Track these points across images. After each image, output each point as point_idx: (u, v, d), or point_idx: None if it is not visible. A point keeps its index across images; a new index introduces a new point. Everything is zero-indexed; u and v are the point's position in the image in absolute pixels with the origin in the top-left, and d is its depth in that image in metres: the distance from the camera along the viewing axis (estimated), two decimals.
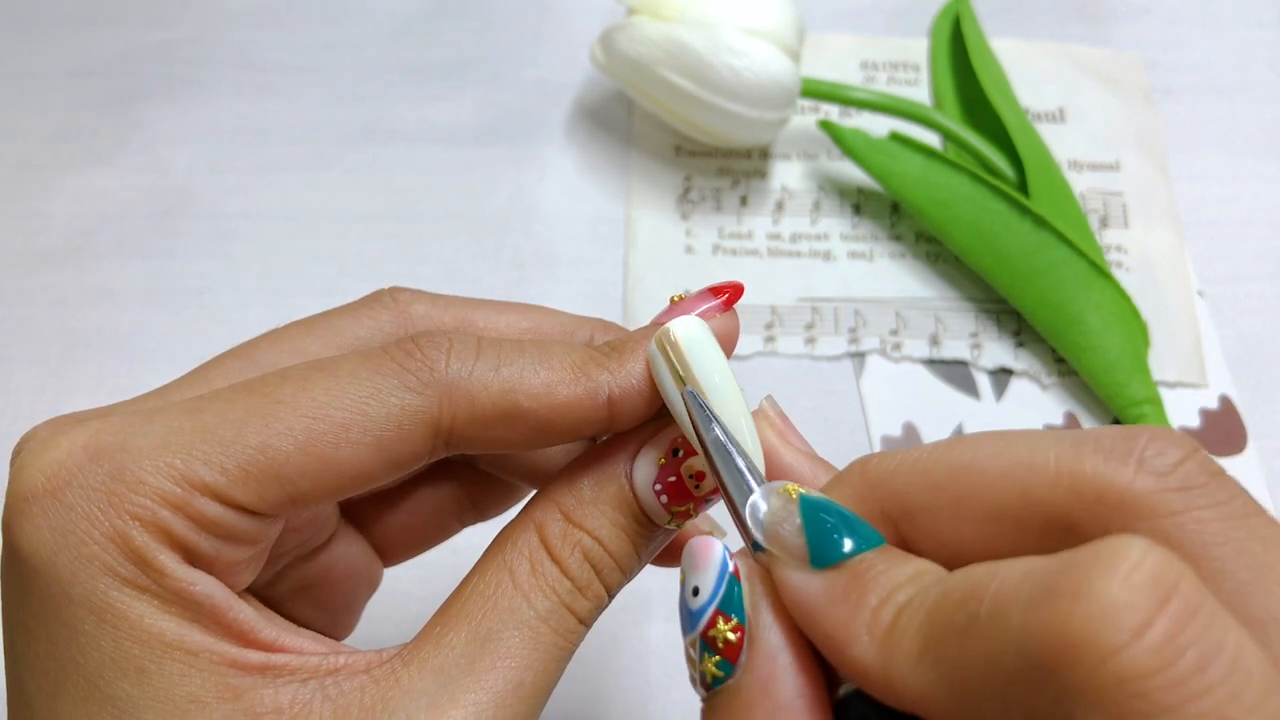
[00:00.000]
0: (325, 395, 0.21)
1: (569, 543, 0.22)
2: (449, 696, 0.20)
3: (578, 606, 0.22)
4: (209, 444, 0.20)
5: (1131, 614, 0.14)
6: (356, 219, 0.47)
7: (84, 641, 0.19)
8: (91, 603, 0.19)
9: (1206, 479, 0.16)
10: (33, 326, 0.44)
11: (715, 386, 0.22)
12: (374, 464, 0.21)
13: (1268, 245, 0.46)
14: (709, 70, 0.42)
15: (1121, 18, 0.52)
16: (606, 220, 0.47)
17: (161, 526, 0.20)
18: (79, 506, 0.20)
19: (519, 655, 0.21)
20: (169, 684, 0.19)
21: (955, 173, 0.43)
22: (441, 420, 0.21)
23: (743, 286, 0.24)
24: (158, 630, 0.20)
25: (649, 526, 0.23)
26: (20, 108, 0.50)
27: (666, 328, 0.22)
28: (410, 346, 0.21)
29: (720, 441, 0.21)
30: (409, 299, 0.25)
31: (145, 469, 0.20)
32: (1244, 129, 0.49)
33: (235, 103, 0.50)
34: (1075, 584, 0.14)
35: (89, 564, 0.19)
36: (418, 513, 0.29)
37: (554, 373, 0.22)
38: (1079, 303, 0.41)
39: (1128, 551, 0.14)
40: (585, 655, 0.37)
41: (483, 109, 0.50)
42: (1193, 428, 0.42)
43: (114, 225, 0.46)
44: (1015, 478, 0.17)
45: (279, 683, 0.20)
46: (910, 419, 0.42)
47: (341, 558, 0.28)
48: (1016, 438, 0.18)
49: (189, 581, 0.20)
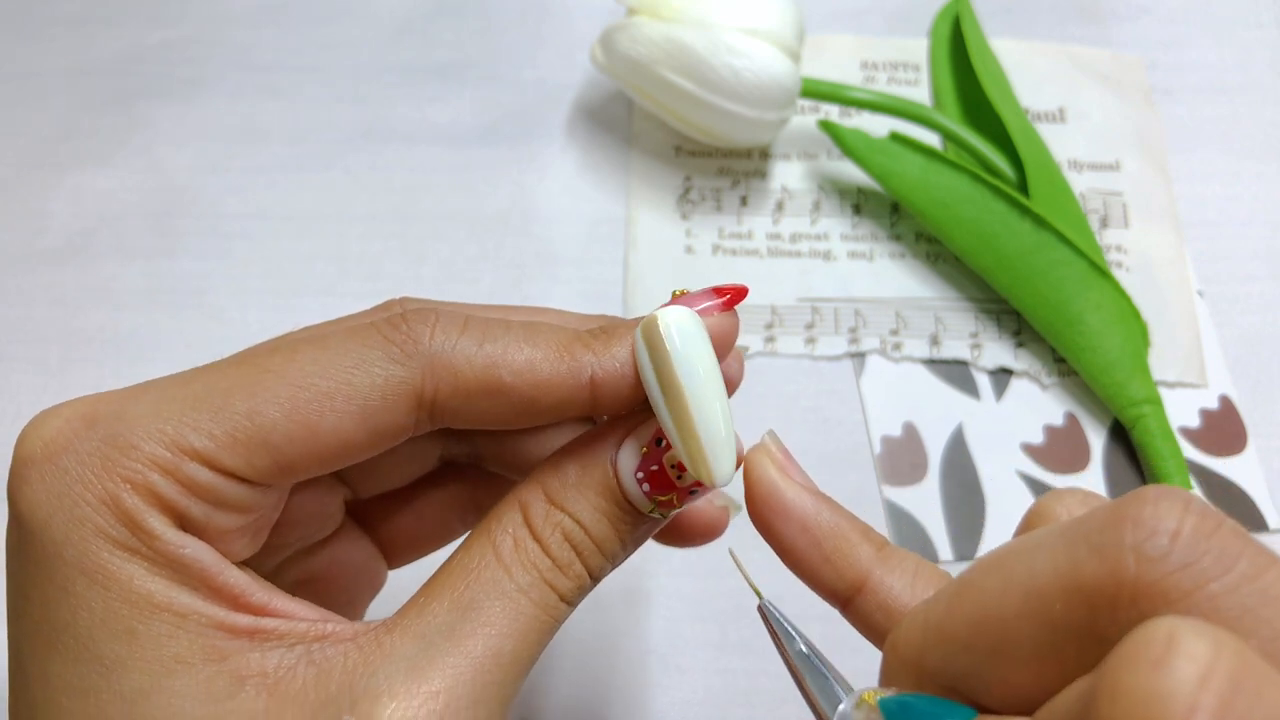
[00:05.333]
0: (312, 365, 0.21)
1: (550, 523, 0.22)
2: (428, 660, 0.21)
3: (559, 584, 0.22)
4: (198, 411, 0.21)
5: (1175, 701, 0.13)
6: (356, 219, 0.47)
7: (75, 602, 0.20)
8: (83, 564, 0.20)
9: (1206, 545, 0.15)
10: (33, 326, 0.44)
11: (693, 378, 0.22)
12: (359, 433, 0.21)
13: (1268, 245, 0.46)
14: (709, 70, 0.42)
15: (1121, 18, 0.52)
16: (606, 220, 0.47)
17: (152, 490, 0.20)
18: (74, 470, 0.20)
19: (499, 624, 0.21)
20: (157, 645, 0.20)
21: (955, 173, 0.43)
22: (425, 391, 0.22)
23: (746, 290, 0.24)
24: (146, 592, 0.20)
25: (632, 514, 0.23)
26: (21, 107, 0.50)
27: (654, 315, 0.22)
28: (397, 320, 0.22)
29: (805, 655, 0.21)
30: (415, 305, 0.26)
31: (138, 435, 0.20)
32: (1244, 129, 0.49)
33: (236, 103, 0.50)
34: (1114, 685, 0.13)
35: (81, 526, 0.20)
36: (423, 514, 0.29)
37: (537, 351, 0.22)
38: (1079, 303, 0.41)
39: (1153, 636, 0.13)
40: (585, 655, 0.37)
41: (483, 109, 0.50)
42: (1193, 428, 0.42)
43: (114, 225, 0.46)
44: (1031, 613, 0.16)
45: (265, 647, 0.21)
46: (910, 419, 0.42)
47: (345, 555, 0.28)
48: (1013, 562, 0.17)
49: (178, 545, 0.20)
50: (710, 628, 0.38)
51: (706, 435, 0.21)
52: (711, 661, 0.37)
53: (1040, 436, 0.42)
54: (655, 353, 0.22)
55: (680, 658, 0.37)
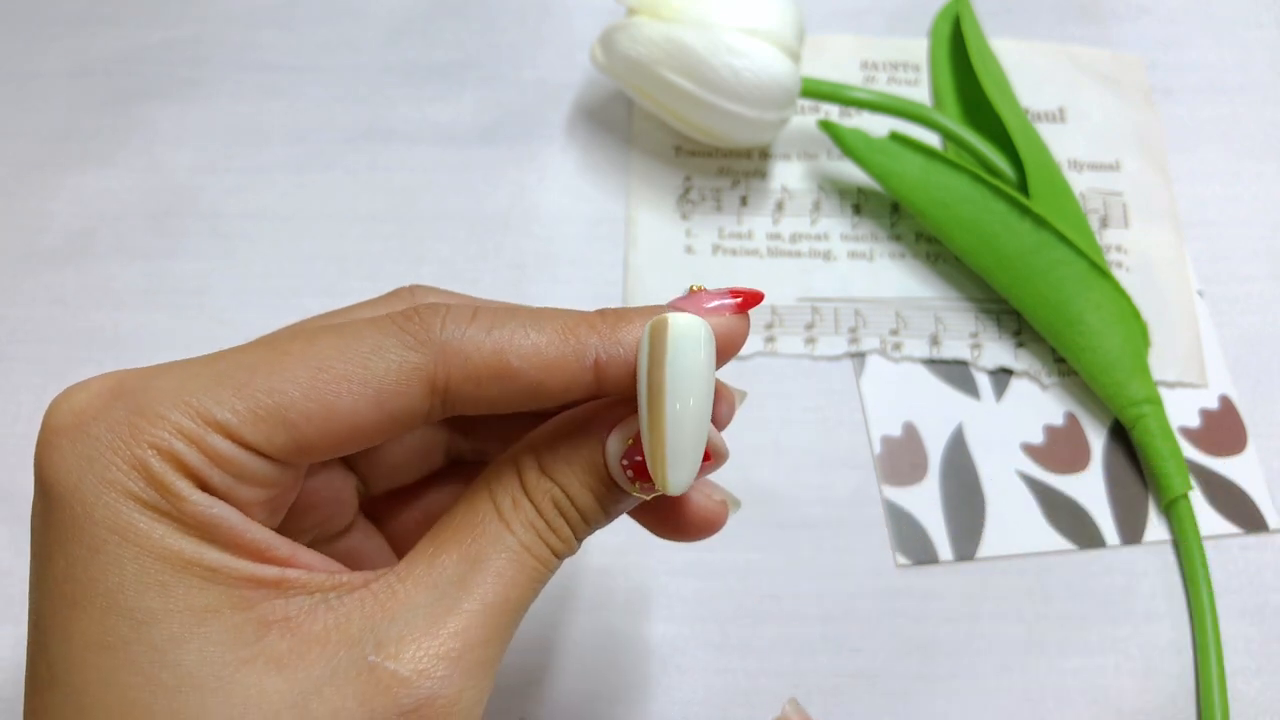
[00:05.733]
0: (330, 349, 0.22)
1: (541, 489, 0.24)
2: (445, 607, 0.22)
3: (551, 542, 0.24)
4: (222, 387, 0.22)
5: None
6: (356, 219, 0.47)
7: (105, 560, 0.21)
8: (115, 523, 0.21)
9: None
10: (33, 326, 0.44)
11: (678, 391, 0.22)
12: (374, 415, 0.23)
13: (1268, 245, 0.46)
14: (709, 70, 0.42)
15: (1121, 18, 0.52)
16: (606, 220, 0.47)
17: (177, 457, 0.21)
18: (103, 437, 0.21)
19: (506, 574, 0.23)
20: (189, 596, 0.21)
21: (955, 173, 0.43)
22: (437, 377, 0.23)
23: (762, 295, 0.25)
24: (177, 549, 0.21)
25: (616, 490, 0.25)
26: (21, 108, 0.50)
27: (666, 319, 0.23)
28: (410, 313, 0.23)
29: None
30: (425, 293, 0.27)
31: (164, 405, 0.22)
32: (1244, 129, 0.49)
33: (236, 103, 0.50)
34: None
35: (112, 488, 0.21)
36: (431, 511, 0.30)
37: (543, 335, 0.23)
38: (1079, 303, 0.41)
39: None
40: (586, 655, 0.37)
41: (483, 109, 0.50)
42: (1193, 427, 0.42)
43: (115, 225, 0.46)
44: None
45: (289, 595, 0.22)
46: (910, 419, 0.42)
47: (359, 548, 0.29)
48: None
49: (205, 505, 0.21)
50: (710, 628, 0.38)
51: (672, 443, 0.22)
52: (711, 661, 0.37)
53: (1040, 436, 0.42)
54: (654, 353, 0.23)
55: (680, 658, 0.37)
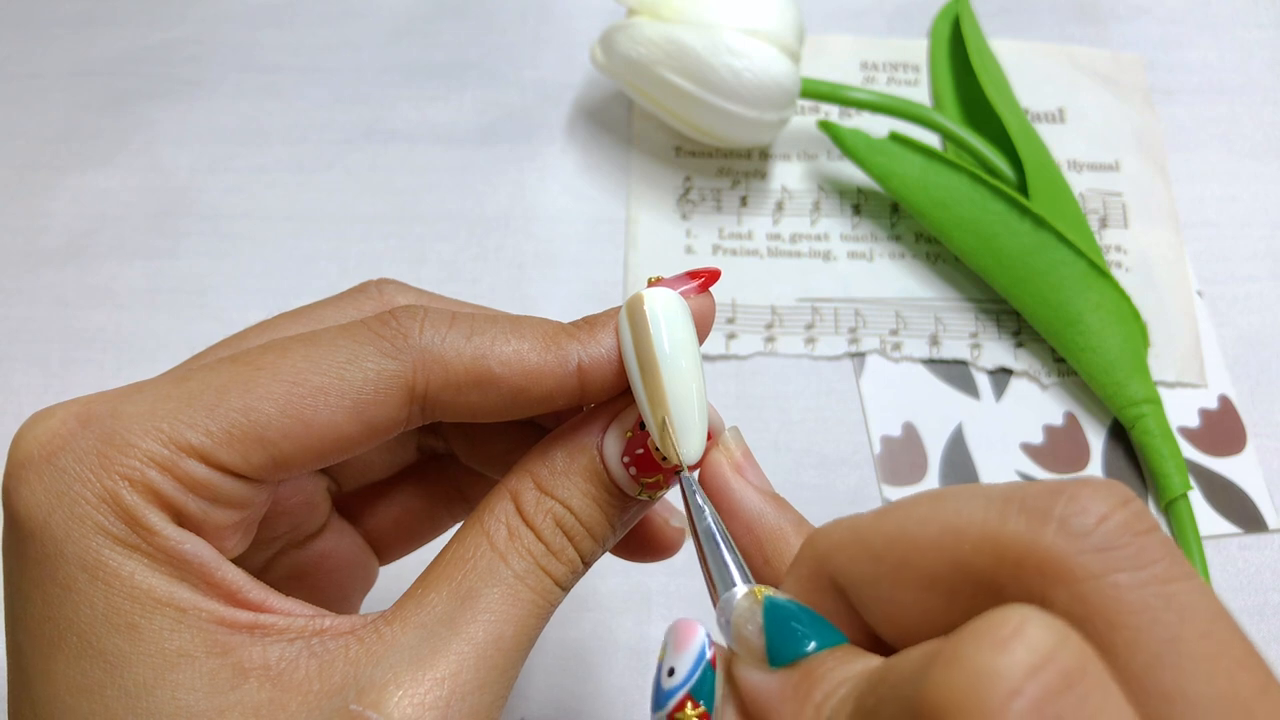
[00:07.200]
0: (304, 362, 0.21)
1: (542, 510, 0.23)
2: (431, 649, 0.21)
3: (553, 569, 0.23)
4: (194, 409, 0.21)
5: (1001, 682, 0.13)
6: (356, 219, 0.47)
7: (77, 599, 0.20)
8: (84, 560, 0.20)
9: (1129, 539, 0.16)
10: (34, 326, 0.44)
11: (671, 357, 0.22)
12: (352, 427, 0.22)
13: (1267, 245, 0.46)
14: (709, 71, 0.42)
15: (1121, 18, 0.52)
16: (606, 220, 0.47)
17: (150, 487, 0.20)
18: (71, 469, 0.20)
19: (498, 610, 0.21)
20: (159, 638, 0.20)
21: (955, 173, 0.43)
22: (416, 385, 0.22)
23: (719, 273, 0.24)
24: (148, 587, 0.20)
25: (620, 497, 0.23)
26: (22, 108, 0.50)
27: (639, 295, 0.23)
28: (386, 317, 0.22)
29: (710, 531, 0.21)
30: (394, 291, 0.26)
31: (134, 432, 0.20)
32: (1244, 129, 0.49)
33: (236, 103, 0.50)
34: (954, 653, 0.14)
35: (81, 523, 0.20)
36: (408, 505, 0.30)
37: (525, 342, 0.22)
38: (1078, 303, 0.41)
39: (1006, 619, 0.14)
40: (585, 655, 0.37)
41: (483, 109, 0.50)
42: (1192, 427, 0.42)
43: (115, 225, 0.46)
44: (944, 545, 0.17)
45: (266, 641, 0.21)
46: (910, 419, 0.42)
47: (334, 548, 0.28)
48: (948, 499, 0.17)
49: (178, 540, 0.20)
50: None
51: (677, 411, 0.22)
52: None
53: (1040, 436, 0.42)
54: (637, 330, 0.22)
55: None
